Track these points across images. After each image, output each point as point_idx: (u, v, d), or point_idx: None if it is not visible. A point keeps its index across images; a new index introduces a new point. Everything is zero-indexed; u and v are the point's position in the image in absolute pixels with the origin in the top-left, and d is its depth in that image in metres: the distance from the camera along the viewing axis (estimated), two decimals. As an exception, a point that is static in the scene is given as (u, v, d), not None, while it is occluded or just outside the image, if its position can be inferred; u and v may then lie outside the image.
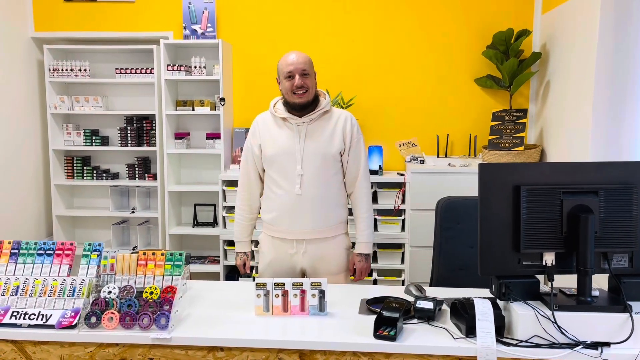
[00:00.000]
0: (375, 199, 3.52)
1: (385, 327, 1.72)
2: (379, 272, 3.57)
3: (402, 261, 3.52)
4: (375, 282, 3.55)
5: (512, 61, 3.38)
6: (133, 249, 3.96)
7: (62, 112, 3.98)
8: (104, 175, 4.04)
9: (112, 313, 1.76)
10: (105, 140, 4.08)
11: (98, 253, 1.93)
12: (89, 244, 1.94)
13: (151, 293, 1.83)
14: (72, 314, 1.77)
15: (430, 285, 2.53)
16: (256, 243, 2.78)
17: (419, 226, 3.38)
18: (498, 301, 1.75)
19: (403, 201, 3.46)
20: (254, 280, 3.27)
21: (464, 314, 1.72)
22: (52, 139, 3.96)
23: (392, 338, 1.68)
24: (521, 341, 1.64)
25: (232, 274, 3.76)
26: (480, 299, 1.74)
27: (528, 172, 1.74)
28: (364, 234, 2.37)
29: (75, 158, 4.05)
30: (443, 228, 2.49)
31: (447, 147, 3.72)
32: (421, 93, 3.83)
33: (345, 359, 1.69)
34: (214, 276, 3.83)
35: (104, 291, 1.83)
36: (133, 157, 4.08)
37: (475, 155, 3.69)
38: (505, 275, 1.73)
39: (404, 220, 3.50)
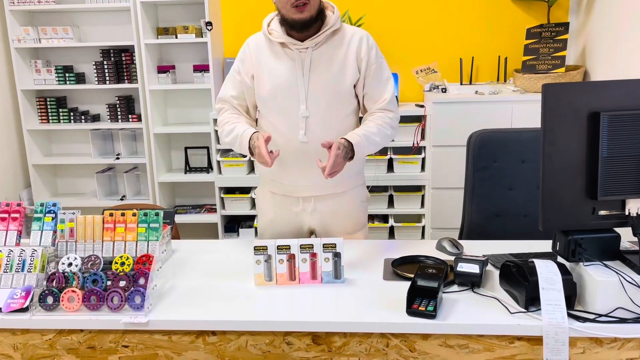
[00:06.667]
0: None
1: (421, 300, 1.35)
2: (396, 217, 3.22)
3: (422, 205, 3.17)
4: (392, 229, 3.19)
5: (551, -35, 2.84)
6: (121, 199, 3.59)
7: (27, 46, 3.50)
8: (83, 117, 3.61)
9: (73, 291, 1.39)
10: (80, 78, 3.62)
11: (53, 215, 1.53)
12: (41, 204, 1.55)
13: (122, 264, 1.45)
14: (23, 294, 1.40)
15: (461, 235, 2.23)
16: (253, 199, 2.41)
17: (441, 165, 3.02)
18: (565, 262, 1.36)
19: (423, 137, 3.07)
20: (257, 235, 2.82)
21: (522, 281, 1.34)
22: (20, 78, 3.50)
23: (432, 315, 1.30)
24: (600, 315, 1.27)
25: (232, 224, 3.41)
26: (543, 261, 1.35)
27: (610, 93, 1.33)
28: (358, 132, 1.76)
29: (48, 99, 3.61)
30: (476, 168, 2.15)
31: (471, 73, 3.28)
32: (441, 10, 3.34)
33: (370, 341, 1.33)
34: (211, 227, 3.50)
35: (63, 263, 1.47)
36: (113, 96, 3.64)
37: (505, 81, 3.25)
38: (575, 229, 1.36)
39: (423, 159, 3.12)
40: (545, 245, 1.73)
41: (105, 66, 3.49)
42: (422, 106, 3.08)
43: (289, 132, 1.80)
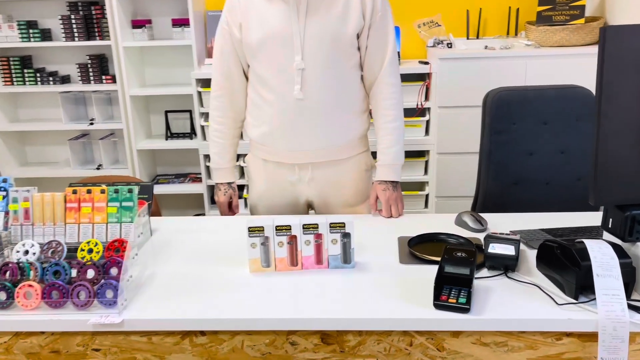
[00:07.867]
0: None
1: (450, 290, 1.13)
2: (397, 185, 3.00)
3: (426, 172, 2.93)
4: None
5: None
6: (97, 168, 3.31)
7: (-16, -1, 3.11)
8: (51, 79, 3.27)
9: (30, 285, 1.14)
10: (46, 34, 3.26)
11: (4, 193, 1.27)
12: (-11, 180, 1.28)
13: (90, 251, 1.21)
14: (-31, 290, 1.15)
15: (474, 205, 2.03)
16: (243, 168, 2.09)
17: (448, 128, 2.77)
18: (619, 242, 1.15)
19: (427, 98, 2.81)
20: (246, 207, 2.59)
21: (570, 266, 1.12)
22: (-23, 35, 3.14)
23: (465, 309, 1.09)
24: (666, 306, 1.07)
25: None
26: (595, 241, 1.14)
27: (684, 38, 1.08)
28: (389, 154, 1.64)
29: (11, 58, 3.26)
30: (493, 130, 1.95)
31: (479, 26, 3.00)
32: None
33: (390, 340, 1.12)
34: (196, 198, 3.25)
35: (17, 251, 1.22)
36: (84, 55, 3.31)
37: (515, 34, 2.99)
38: (633, 203, 1.14)
39: (428, 122, 2.88)
40: (578, 218, 1.53)
41: (73, 21, 3.13)
42: (427, 63, 2.81)
43: (282, 88, 1.55)
